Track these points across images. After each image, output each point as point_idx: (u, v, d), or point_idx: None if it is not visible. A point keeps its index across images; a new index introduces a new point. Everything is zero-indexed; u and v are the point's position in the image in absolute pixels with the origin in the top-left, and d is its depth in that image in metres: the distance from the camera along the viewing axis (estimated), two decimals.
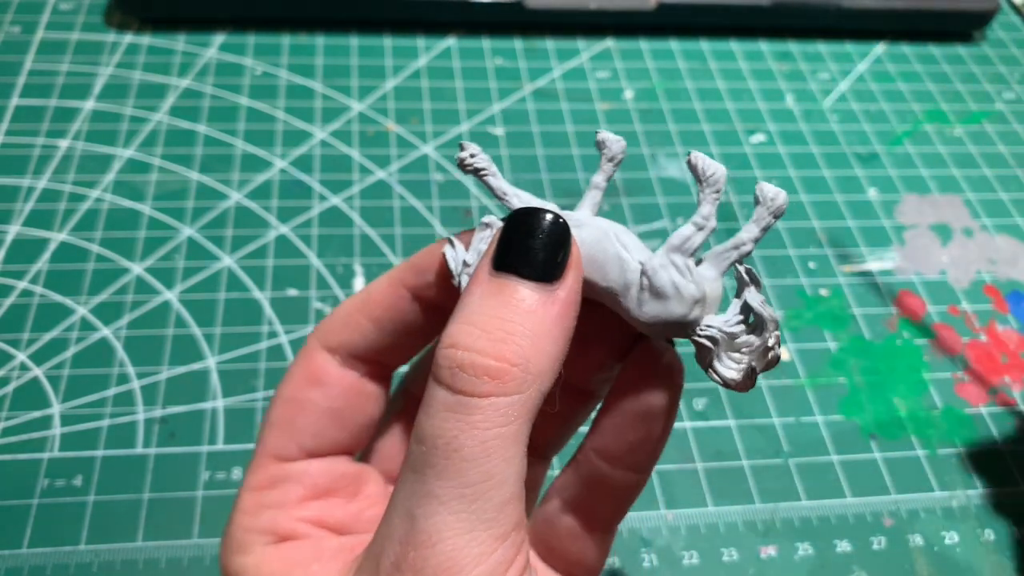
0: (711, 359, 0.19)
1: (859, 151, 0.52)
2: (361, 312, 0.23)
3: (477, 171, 0.21)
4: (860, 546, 0.35)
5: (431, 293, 0.22)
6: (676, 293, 0.19)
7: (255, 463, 0.23)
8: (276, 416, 0.23)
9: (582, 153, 0.49)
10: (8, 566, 0.31)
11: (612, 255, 0.20)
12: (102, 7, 0.55)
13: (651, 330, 0.20)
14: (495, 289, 0.18)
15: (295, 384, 0.23)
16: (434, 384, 0.18)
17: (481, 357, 0.17)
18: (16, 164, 0.45)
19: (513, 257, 0.18)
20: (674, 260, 0.19)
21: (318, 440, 0.23)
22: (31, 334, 0.38)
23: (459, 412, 0.17)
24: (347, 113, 0.50)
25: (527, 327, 0.17)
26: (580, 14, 0.56)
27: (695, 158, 0.20)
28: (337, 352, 0.23)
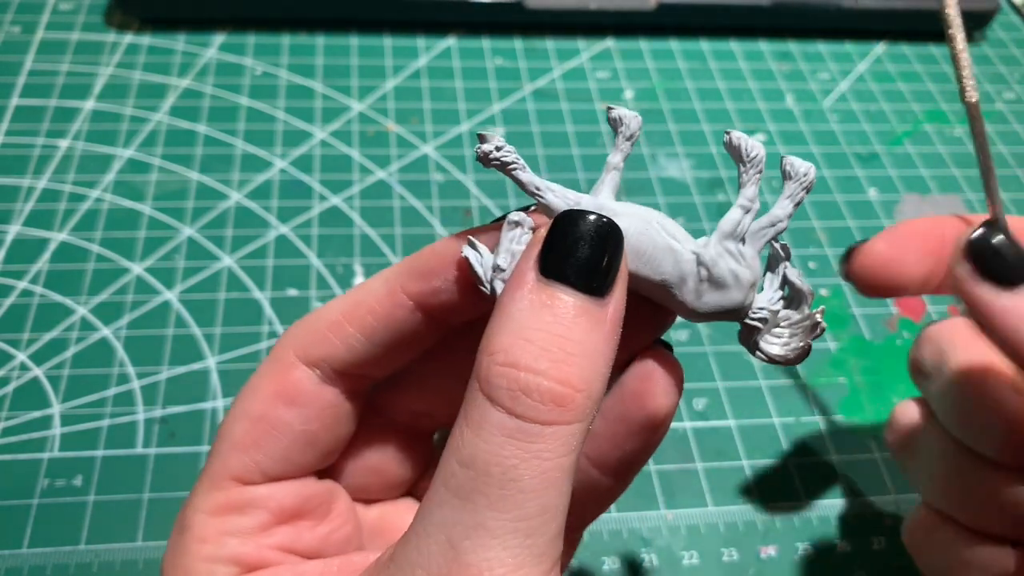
0: (757, 339, 0.19)
1: (859, 151, 0.52)
2: (349, 321, 0.20)
3: (504, 165, 0.19)
4: (860, 546, 0.35)
5: (440, 300, 0.20)
6: (736, 281, 0.19)
7: (210, 483, 0.21)
8: (240, 435, 0.21)
9: (582, 153, 0.49)
10: (8, 566, 0.31)
11: (663, 247, 0.18)
12: (102, 7, 0.55)
13: (705, 319, 0.19)
14: (546, 299, 0.17)
15: (265, 400, 0.21)
16: (487, 404, 0.16)
17: (546, 381, 0.16)
18: (16, 164, 0.45)
19: (564, 264, 0.17)
20: (728, 247, 0.19)
21: (286, 465, 0.21)
22: (31, 334, 0.38)
23: (520, 439, 0.16)
24: (347, 113, 0.50)
25: (586, 346, 0.16)
26: (580, 14, 0.56)
27: (736, 138, 0.19)
28: (317, 366, 0.21)
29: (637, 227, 0.18)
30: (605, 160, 0.20)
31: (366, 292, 0.20)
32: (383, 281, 0.20)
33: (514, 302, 0.17)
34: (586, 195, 0.19)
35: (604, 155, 0.49)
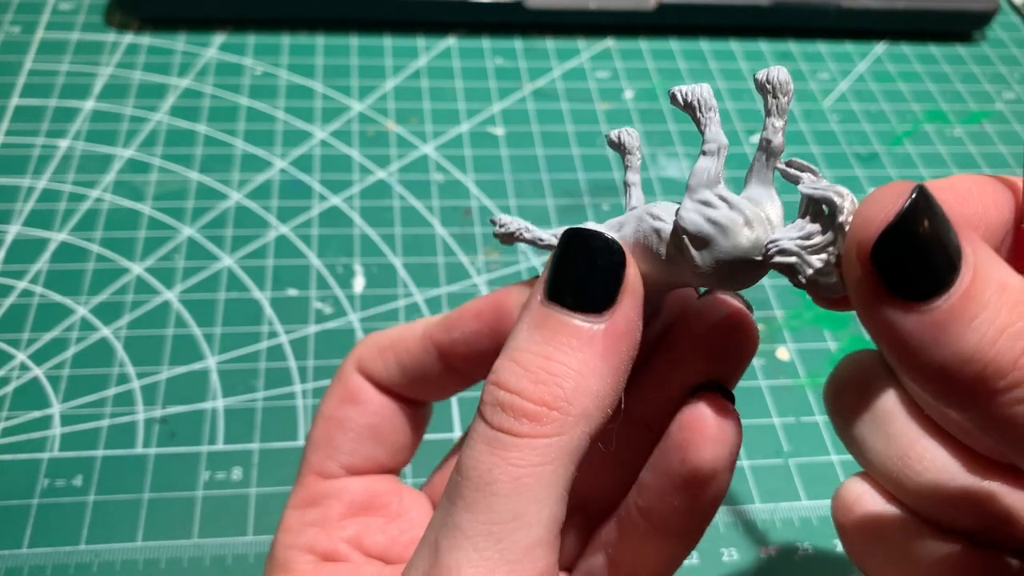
0: (802, 275, 0.16)
1: (859, 151, 0.52)
2: (391, 350, 0.23)
3: (513, 236, 0.21)
4: None
5: (457, 351, 0.22)
6: (718, 229, 0.17)
7: (299, 481, 0.23)
8: (317, 435, 0.23)
9: (582, 153, 0.49)
10: (8, 566, 0.31)
11: (650, 230, 0.18)
12: (102, 7, 0.55)
13: (726, 282, 0.17)
14: (541, 321, 0.17)
15: (333, 403, 0.23)
16: (477, 417, 0.17)
17: (520, 400, 0.17)
18: (16, 164, 0.45)
19: (561, 285, 0.17)
20: (702, 198, 0.17)
21: (355, 457, 0.23)
22: (31, 334, 0.38)
23: (495, 447, 0.16)
24: (347, 113, 0.50)
25: (572, 365, 0.17)
26: (580, 14, 0.56)
27: (678, 94, 0.18)
28: (368, 377, 0.24)
29: (633, 227, 0.18)
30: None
31: (410, 330, 0.23)
32: (424, 326, 0.23)
33: (518, 324, 0.18)
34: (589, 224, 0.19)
35: (604, 155, 0.49)
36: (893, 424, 0.22)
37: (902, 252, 0.14)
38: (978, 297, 0.14)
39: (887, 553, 0.23)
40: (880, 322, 0.15)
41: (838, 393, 0.23)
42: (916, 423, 0.22)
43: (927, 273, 0.14)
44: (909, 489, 0.22)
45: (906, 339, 0.15)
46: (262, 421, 0.36)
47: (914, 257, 0.14)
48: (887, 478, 0.22)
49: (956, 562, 0.21)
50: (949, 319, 0.14)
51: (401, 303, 0.41)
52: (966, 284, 0.14)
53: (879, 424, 0.22)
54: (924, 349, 0.14)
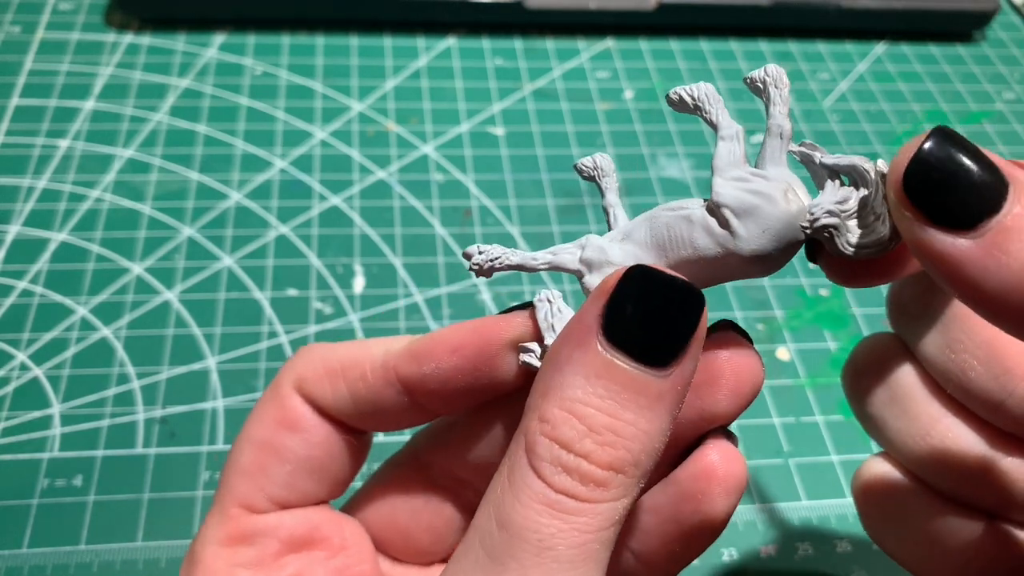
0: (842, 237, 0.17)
1: (859, 151, 0.52)
2: (341, 376, 0.20)
3: (494, 267, 0.19)
4: (860, 546, 0.35)
5: (428, 388, 0.20)
6: (762, 198, 0.17)
7: (219, 514, 0.20)
8: (245, 461, 0.20)
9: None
10: (8, 566, 0.31)
11: (674, 222, 0.18)
12: (102, 7, 0.55)
13: (766, 260, 0.17)
14: (603, 371, 0.16)
15: (267, 426, 0.21)
16: (529, 471, 0.16)
17: (586, 464, 0.15)
18: (16, 164, 0.45)
19: (625, 330, 0.16)
20: (735, 175, 0.17)
21: (290, 491, 0.21)
22: (31, 334, 0.38)
23: (558, 510, 0.15)
24: (347, 113, 0.50)
25: (641, 426, 0.16)
26: (580, 14, 0.56)
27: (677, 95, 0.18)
28: (308, 401, 0.21)
29: (648, 225, 0.18)
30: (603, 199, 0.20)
31: (368, 355, 0.20)
32: (383, 351, 0.20)
33: (571, 365, 0.16)
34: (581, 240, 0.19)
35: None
36: (914, 404, 0.22)
37: (935, 180, 0.15)
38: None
39: (907, 530, 0.23)
40: (934, 254, 0.15)
41: (858, 375, 0.23)
42: (937, 402, 0.22)
43: (969, 197, 0.15)
44: (931, 467, 0.22)
45: (961, 265, 0.15)
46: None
47: (951, 183, 0.15)
48: (909, 457, 0.22)
49: (975, 538, 0.21)
50: (1004, 240, 0.14)
51: (401, 303, 0.41)
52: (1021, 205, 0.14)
53: (900, 404, 0.22)
54: (980, 273, 0.15)
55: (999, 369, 0.20)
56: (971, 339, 0.21)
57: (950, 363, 0.21)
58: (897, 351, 0.23)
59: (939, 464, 0.22)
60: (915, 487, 0.23)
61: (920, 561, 0.23)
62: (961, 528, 0.22)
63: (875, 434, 0.24)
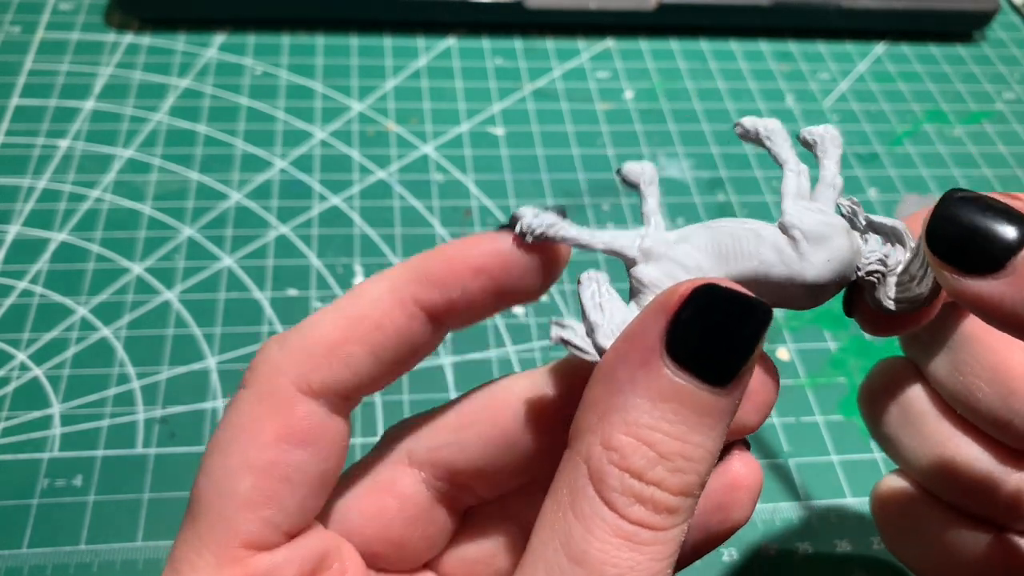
0: (882, 292, 0.18)
1: (859, 151, 0.52)
2: (352, 340, 0.18)
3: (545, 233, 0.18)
4: (860, 546, 0.35)
5: (458, 310, 0.18)
6: (832, 228, 0.18)
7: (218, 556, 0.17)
8: (248, 491, 0.17)
9: (582, 153, 0.49)
10: (8, 566, 0.31)
11: (741, 234, 0.18)
12: (102, 7, 0.55)
13: (822, 290, 0.18)
14: (670, 393, 0.15)
15: (270, 446, 0.18)
16: (599, 502, 0.15)
17: (659, 492, 0.15)
18: (16, 164, 0.45)
19: (693, 351, 0.15)
20: (808, 206, 0.18)
21: (304, 516, 0.18)
22: (31, 334, 0.38)
23: (636, 542, 0.15)
24: (347, 113, 0.50)
25: (708, 447, 0.15)
26: (580, 14, 0.56)
27: (748, 124, 0.19)
28: (322, 395, 0.18)
29: (707, 235, 0.18)
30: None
31: (369, 304, 0.18)
32: (388, 290, 0.18)
33: (633, 386, 0.15)
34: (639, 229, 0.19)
35: (604, 155, 0.49)
36: (926, 423, 0.23)
37: (955, 239, 0.17)
38: None
39: (923, 542, 0.24)
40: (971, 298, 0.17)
41: (873, 397, 0.25)
42: (948, 421, 0.23)
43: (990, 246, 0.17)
44: (943, 482, 0.23)
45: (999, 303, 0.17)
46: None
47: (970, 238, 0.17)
48: (922, 473, 0.24)
49: (986, 549, 0.23)
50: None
51: None
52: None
53: (913, 424, 0.24)
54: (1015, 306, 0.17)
55: (1005, 390, 0.22)
56: (978, 362, 0.22)
57: (959, 385, 0.22)
58: (909, 374, 0.24)
59: (950, 479, 0.23)
60: (929, 501, 0.24)
61: (935, 571, 0.24)
62: (973, 540, 0.23)
63: (891, 452, 0.25)
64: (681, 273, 0.18)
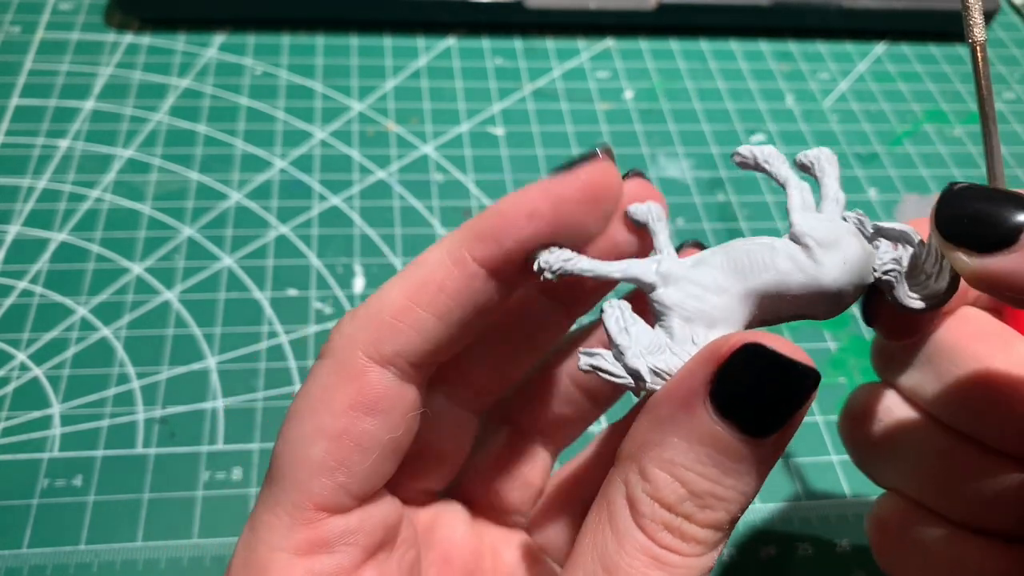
0: (899, 293, 0.19)
1: (859, 151, 0.52)
2: (419, 304, 0.18)
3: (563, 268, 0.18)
4: (860, 546, 0.35)
5: (515, 262, 0.18)
6: (844, 233, 0.18)
7: (290, 516, 0.18)
8: (322, 456, 0.18)
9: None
10: (8, 566, 0.31)
11: (755, 248, 0.18)
12: (102, 7, 0.55)
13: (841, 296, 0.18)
14: (708, 437, 0.16)
15: (342, 414, 0.18)
16: (632, 524, 0.16)
17: (689, 524, 0.16)
18: (16, 164, 0.45)
19: (739, 402, 0.16)
20: (813, 215, 0.19)
21: (375, 481, 0.19)
22: (31, 334, 0.38)
23: (664, 563, 0.16)
24: (347, 113, 0.50)
25: (741, 489, 0.16)
26: (580, 14, 0.56)
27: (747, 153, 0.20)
28: (393, 363, 0.18)
29: (722, 256, 0.18)
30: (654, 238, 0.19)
31: (429, 269, 0.18)
32: (446, 253, 0.18)
33: (674, 426, 0.16)
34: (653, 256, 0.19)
35: None
36: (918, 442, 0.23)
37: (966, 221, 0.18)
38: None
39: (927, 562, 0.24)
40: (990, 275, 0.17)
41: (855, 424, 0.25)
42: (937, 434, 0.23)
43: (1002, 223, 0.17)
44: (945, 497, 0.23)
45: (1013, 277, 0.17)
46: (262, 421, 0.36)
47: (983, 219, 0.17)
48: (921, 491, 0.23)
49: (992, 559, 0.22)
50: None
51: None
52: None
53: (903, 445, 0.23)
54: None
55: (993, 395, 0.21)
56: (961, 370, 0.22)
57: (944, 396, 0.22)
58: (888, 395, 0.24)
59: (950, 493, 0.23)
60: (928, 518, 0.23)
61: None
62: (979, 553, 0.22)
63: (877, 476, 0.25)
64: (702, 292, 0.18)
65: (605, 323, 0.18)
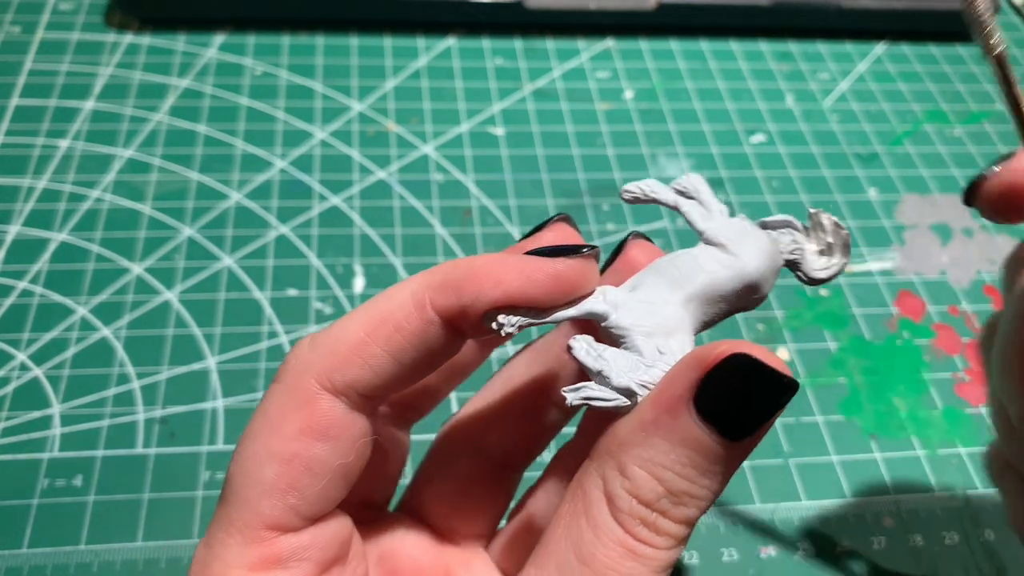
0: (805, 270, 0.21)
1: (859, 151, 0.52)
2: (375, 340, 0.19)
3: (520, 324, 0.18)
4: (860, 546, 0.35)
5: (470, 318, 0.18)
6: (743, 227, 0.20)
7: (242, 535, 0.19)
8: (272, 479, 0.19)
9: (582, 153, 0.49)
10: (8, 566, 0.31)
11: (679, 259, 0.20)
12: (102, 7, 0.55)
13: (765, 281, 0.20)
14: (689, 440, 0.17)
15: (293, 438, 0.19)
16: (609, 517, 0.17)
17: (663, 520, 0.17)
18: (16, 164, 0.45)
19: (720, 409, 0.16)
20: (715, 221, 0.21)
21: (323, 504, 0.19)
22: (31, 334, 0.38)
23: (638, 555, 0.17)
24: (347, 113, 0.50)
25: (714, 488, 0.17)
26: (580, 14, 0.56)
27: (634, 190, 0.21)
28: (344, 394, 0.19)
29: (653, 275, 0.20)
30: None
31: (392, 306, 0.19)
32: (410, 294, 0.19)
33: (656, 428, 0.17)
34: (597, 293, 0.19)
35: (604, 155, 0.49)
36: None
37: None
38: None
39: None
40: None
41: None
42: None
43: None
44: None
45: None
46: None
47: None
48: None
49: None
50: None
51: None
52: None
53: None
54: None
55: None
56: None
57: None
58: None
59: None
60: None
61: None
62: None
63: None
64: (651, 307, 0.19)
65: (578, 357, 0.18)
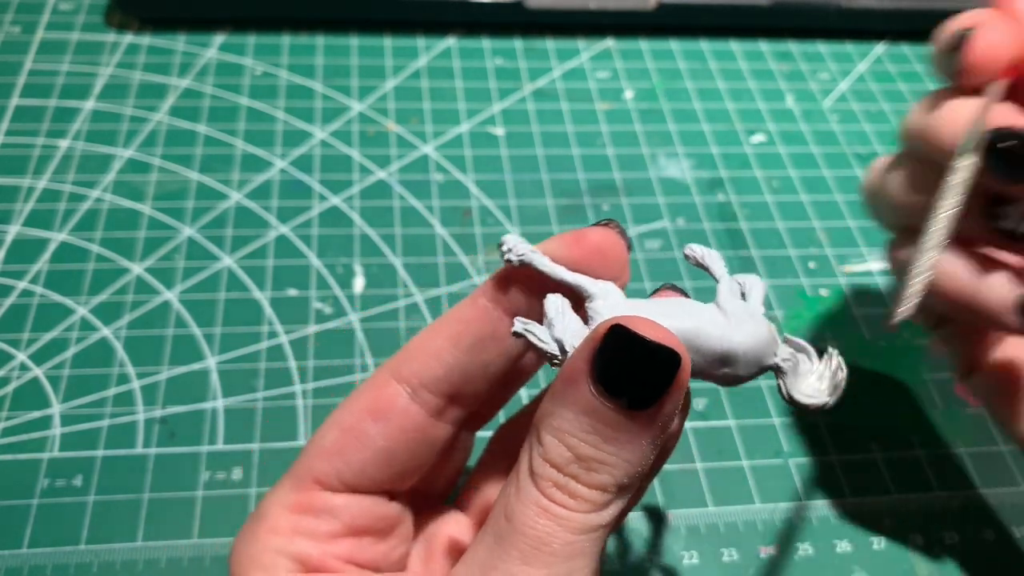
0: (790, 387, 0.22)
1: (859, 151, 0.52)
2: (438, 333, 0.22)
3: (523, 259, 0.22)
4: (860, 546, 0.35)
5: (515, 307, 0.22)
6: (758, 317, 0.22)
7: (293, 482, 0.23)
8: (329, 442, 0.22)
9: (582, 153, 0.49)
10: (8, 566, 0.31)
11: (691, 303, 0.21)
12: (102, 7, 0.55)
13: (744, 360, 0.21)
14: (591, 410, 0.18)
15: (355, 413, 0.23)
16: (529, 479, 0.19)
17: (575, 483, 0.18)
18: (16, 164, 0.45)
19: (611, 380, 0.18)
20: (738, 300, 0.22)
21: (362, 478, 0.23)
22: (31, 334, 0.38)
23: (552, 515, 0.18)
24: (347, 113, 0.50)
25: (623, 456, 0.18)
26: (580, 14, 0.56)
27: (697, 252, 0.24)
28: (407, 382, 0.22)
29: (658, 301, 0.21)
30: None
31: (456, 307, 0.23)
32: (472, 295, 0.23)
33: (563, 399, 0.18)
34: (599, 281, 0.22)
35: (604, 155, 0.49)
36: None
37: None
38: None
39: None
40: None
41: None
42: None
43: None
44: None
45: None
46: (262, 421, 0.36)
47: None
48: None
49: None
50: None
51: (401, 303, 0.41)
52: None
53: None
54: None
55: None
56: None
57: None
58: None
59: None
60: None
61: None
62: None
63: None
64: (625, 310, 0.20)
65: (546, 305, 0.20)
